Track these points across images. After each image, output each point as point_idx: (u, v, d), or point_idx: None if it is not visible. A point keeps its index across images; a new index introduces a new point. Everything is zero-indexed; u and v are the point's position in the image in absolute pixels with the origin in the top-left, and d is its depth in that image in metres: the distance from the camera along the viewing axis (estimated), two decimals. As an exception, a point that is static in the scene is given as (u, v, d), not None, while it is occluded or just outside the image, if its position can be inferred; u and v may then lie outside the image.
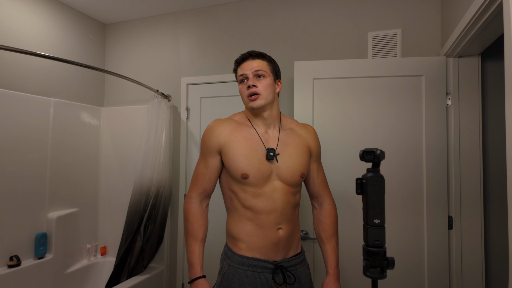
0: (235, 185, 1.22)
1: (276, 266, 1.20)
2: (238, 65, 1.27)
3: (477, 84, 1.73)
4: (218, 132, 1.24)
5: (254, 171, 1.17)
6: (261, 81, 1.22)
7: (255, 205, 1.19)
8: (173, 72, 2.57)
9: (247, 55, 1.25)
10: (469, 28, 1.40)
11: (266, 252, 1.20)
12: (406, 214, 1.78)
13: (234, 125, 1.26)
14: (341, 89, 1.88)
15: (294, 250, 1.27)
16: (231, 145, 1.21)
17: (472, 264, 1.70)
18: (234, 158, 1.19)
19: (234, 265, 1.21)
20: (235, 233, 1.23)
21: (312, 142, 1.33)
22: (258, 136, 1.24)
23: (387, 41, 1.98)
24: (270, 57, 1.29)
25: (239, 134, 1.23)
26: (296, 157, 1.24)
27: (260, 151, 1.21)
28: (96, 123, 2.67)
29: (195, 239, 1.22)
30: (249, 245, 1.20)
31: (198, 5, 2.47)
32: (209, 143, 1.24)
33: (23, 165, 2.09)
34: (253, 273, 1.18)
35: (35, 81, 2.23)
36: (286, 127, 1.31)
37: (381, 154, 0.89)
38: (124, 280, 2.16)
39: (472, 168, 1.72)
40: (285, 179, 1.21)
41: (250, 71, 1.22)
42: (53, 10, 2.37)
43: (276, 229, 1.20)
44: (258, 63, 1.23)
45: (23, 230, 2.09)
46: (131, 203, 2.29)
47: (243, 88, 1.23)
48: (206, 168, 1.25)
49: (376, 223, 0.88)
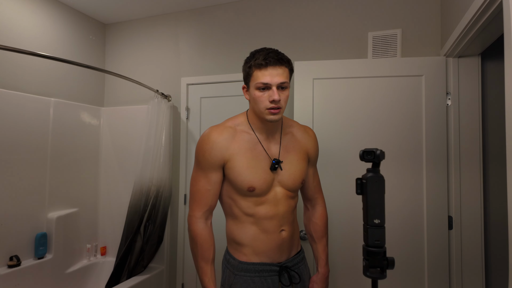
0: (237, 195, 1.17)
1: (281, 268, 1.21)
2: (259, 67, 1.09)
3: (477, 84, 1.73)
4: (220, 146, 1.14)
5: (260, 183, 1.14)
6: (283, 93, 1.10)
7: (257, 212, 1.17)
8: (173, 72, 2.57)
9: (274, 61, 1.07)
10: (469, 28, 1.40)
11: (271, 255, 1.19)
12: (406, 213, 1.78)
13: (234, 135, 1.17)
14: (341, 89, 1.88)
15: (295, 249, 1.29)
16: (236, 158, 1.13)
17: (472, 264, 1.70)
18: (240, 172, 1.13)
19: (240, 274, 1.18)
20: (238, 239, 1.19)
21: (311, 147, 1.31)
22: (261, 144, 1.19)
23: (387, 41, 1.98)
24: (291, 61, 1.16)
25: (242, 145, 1.15)
26: (297, 164, 1.23)
27: (264, 161, 1.17)
28: (96, 123, 2.67)
29: (207, 261, 1.16)
30: (255, 249, 1.18)
31: (198, 5, 2.47)
32: (211, 158, 1.14)
33: (23, 165, 2.09)
34: (260, 278, 1.17)
35: (35, 81, 2.23)
36: (286, 130, 1.27)
37: (381, 154, 0.89)
38: (124, 280, 2.16)
39: (472, 169, 1.72)
40: (287, 185, 1.21)
41: (276, 83, 1.08)
42: (53, 10, 2.37)
43: (279, 231, 1.20)
44: (283, 71, 1.09)
45: (23, 230, 2.09)
46: (131, 203, 2.29)
47: (262, 97, 1.09)
48: (210, 184, 1.16)
49: (376, 223, 0.88)
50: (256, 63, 1.09)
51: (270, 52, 1.10)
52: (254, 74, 1.10)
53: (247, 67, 1.14)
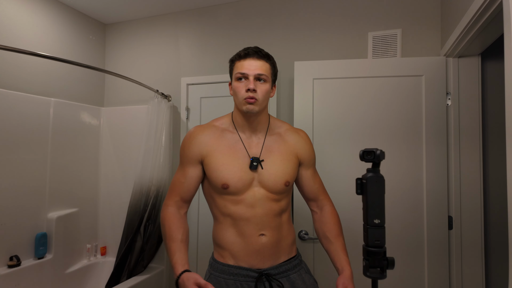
0: (214, 193, 1.18)
1: (260, 275, 1.14)
2: (239, 59, 1.15)
3: (477, 84, 1.73)
4: (199, 141, 1.18)
5: (235, 180, 1.13)
6: (261, 85, 1.13)
7: (233, 212, 1.15)
8: (173, 72, 2.57)
9: (253, 52, 1.14)
10: (469, 28, 1.40)
11: (248, 260, 1.14)
12: (406, 213, 1.78)
13: (216, 133, 1.20)
14: (341, 89, 1.88)
15: (285, 255, 1.21)
16: (213, 155, 1.16)
17: (472, 264, 1.70)
18: (215, 168, 1.14)
19: (215, 274, 1.17)
20: (219, 241, 1.19)
21: (302, 148, 1.25)
22: (242, 142, 1.18)
23: (387, 41, 1.98)
24: (274, 59, 1.21)
25: (221, 142, 1.18)
26: (280, 165, 1.18)
27: (243, 159, 1.16)
28: (96, 123, 2.67)
29: (174, 240, 1.12)
30: (232, 253, 1.16)
31: (198, 5, 2.47)
32: (189, 152, 1.18)
33: (23, 165, 2.09)
34: (235, 281, 1.13)
35: (35, 81, 2.23)
36: (273, 131, 1.24)
37: (381, 154, 0.89)
38: (124, 280, 2.16)
39: (472, 168, 1.72)
40: (268, 186, 1.16)
41: (252, 73, 1.12)
42: (53, 10, 2.37)
43: (257, 235, 1.14)
44: (262, 65, 1.14)
45: (23, 230, 2.09)
46: (131, 203, 2.29)
47: (240, 87, 1.14)
48: (184, 178, 1.19)
49: (376, 223, 0.88)
50: (237, 55, 1.17)
51: (251, 47, 1.17)
52: (235, 66, 1.17)
53: (230, 61, 1.21)
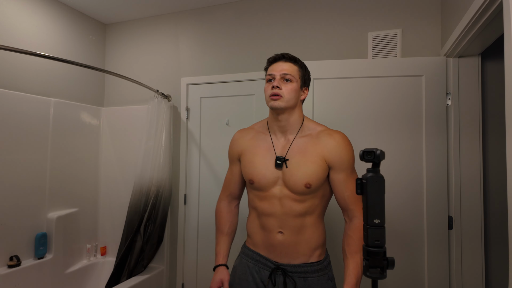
0: (248, 188, 1.34)
1: (277, 267, 1.22)
2: (270, 64, 1.26)
3: (477, 84, 1.73)
4: (238, 142, 1.36)
5: (259, 177, 1.23)
6: (287, 84, 1.20)
7: (258, 206, 1.26)
8: (173, 72, 2.57)
9: (280, 56, 1.24)
10: (469, 28, 1.40)
11: (267, 252, 1.26)
12: (405, 213, 1.78)
13: (252, 134, 1.34)
14: (341, 89, 1.88)
15: (305, 258, 1.21)
16: (246, 153, 1.31)
17: (472, 264, 1.70)
18: (245, 164, 1.29)
19: (242, 256, 1.34)
20: (248, 229, 1.35)
21: (331, 151, 1.20)
22: (272, 143, 1.28)
23: (387, 41, 1.98)
24: (303, 63, 1.28)
25: (254, 142, 1.31)
26: (303, 166, 1.18)
27: (270, 158, 1.24)
28: (96, 123, 2.67)
29: (221, 232, 1.37)
30: (254, 242, 1.30)
31: (198, 5, 2.47)
32: (231, 152, 1.38)
33: (23, 165, 2.09)
34: (255, 266, 1.27)
35: (35, 81, 2.23)
36: (305, 133, 1.25)
37: (381, 154, 0.89)
38: (124, 280, 2.16)
39: (472, 168, 1.72)
40: (289, 186, 1.20)
41: (279, 73, 1.21)
42: (53, 10, 2.37)
43: (276, 232, 1.22)
44: (289, 66, 1.22)
45: (23, 230, 2.09)
46: (131, 203, 2.29)
47: (268, 87, 1.23)
48: (231, 174, 1.39)
49: (376, 223, 0.88)
50: (268, 61, 1.28)
51: (283, 53, 1.27)
52: (266, 71, 1.28)
53: (264, 70, 1.30)
